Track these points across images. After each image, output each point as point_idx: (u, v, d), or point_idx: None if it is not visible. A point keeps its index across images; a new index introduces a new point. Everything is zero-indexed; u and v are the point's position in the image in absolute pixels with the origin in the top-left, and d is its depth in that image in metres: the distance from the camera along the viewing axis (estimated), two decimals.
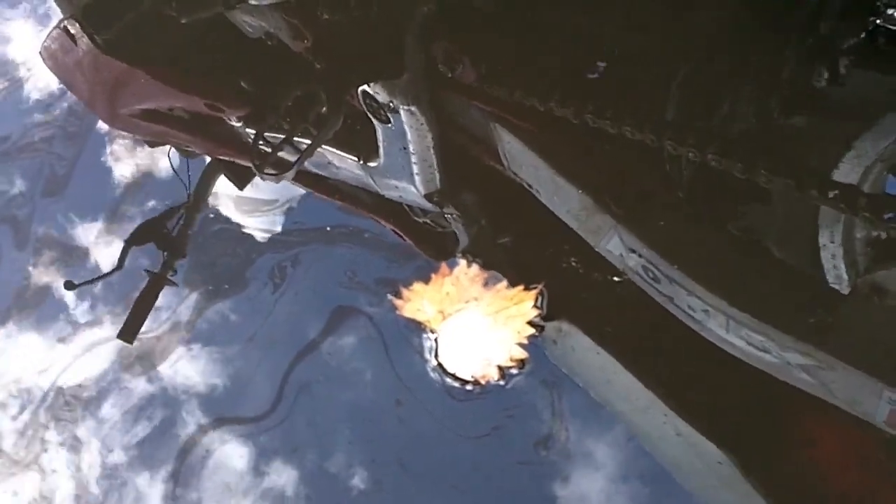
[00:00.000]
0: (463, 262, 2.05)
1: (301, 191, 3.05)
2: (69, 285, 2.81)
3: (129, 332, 2.61)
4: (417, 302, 2.05)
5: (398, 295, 2.03)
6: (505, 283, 1.95)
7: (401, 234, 2.38)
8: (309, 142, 2.00)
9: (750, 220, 1.71)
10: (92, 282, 2.99)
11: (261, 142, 1.83)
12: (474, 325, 2.02)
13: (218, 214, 1.97)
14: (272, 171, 1.78)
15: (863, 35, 1.38)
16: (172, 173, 2.96)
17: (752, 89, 1.53)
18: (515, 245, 2.00)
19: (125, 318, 2.67)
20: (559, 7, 1.72)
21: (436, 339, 2.04)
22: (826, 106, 1.46)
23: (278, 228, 2.20)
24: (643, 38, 1.66)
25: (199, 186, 2.89)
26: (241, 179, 2.85)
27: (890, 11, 1.31)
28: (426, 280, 2.01)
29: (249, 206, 3.54)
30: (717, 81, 1.61)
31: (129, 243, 2.81)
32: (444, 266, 1.96)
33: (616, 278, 1.86)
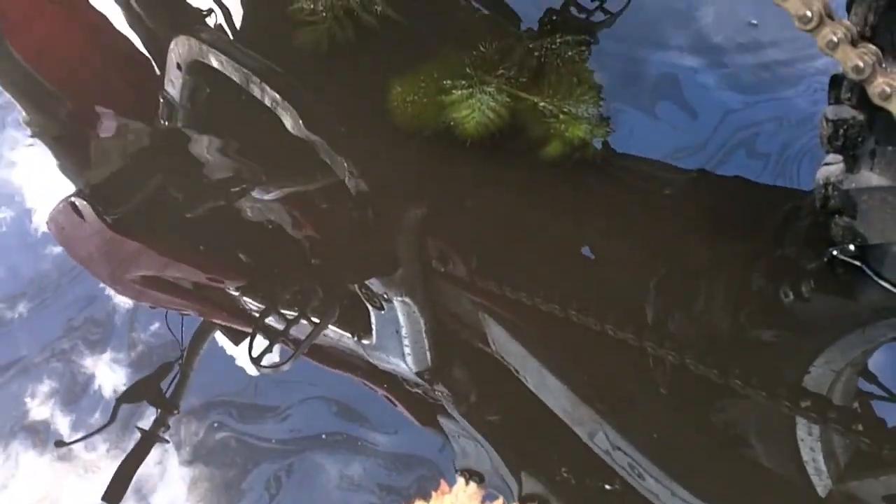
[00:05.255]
0: (461, 479, 2.10)
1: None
2: (59, 444, 2.83)
3: (114, 495, 2.60)
4: None
5: None
6: (502, 499, 2.00)
7: (393, 400, 2.43)
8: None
9: (730, 413, 1.78)
10: (82, 439, 3.00)
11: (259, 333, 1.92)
12: None
13: (221, 423, 2.02)
14: (268, 366, 1.86)
15: (824, 261, 1.49)
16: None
17: (724, 300, 1.64)
18: (506, 422, 2.05)
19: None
20: (545, 212, 1.84)
21: None
22: (794, 321, 1.56)
23: (285, 367, 2.26)
24: (623, 243, 1.78)
25: (192, 344, 2.95)
26: (235, 336, 2.92)
27: (846, 245, 1.44)
28: (426, 496, 2.05)
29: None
30: (691, 287, 1.71)
31: (121, 401, 2.85)
32: (443, 483, 2.02)
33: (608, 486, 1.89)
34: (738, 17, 2.03)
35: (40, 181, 2.81)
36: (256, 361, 1.85)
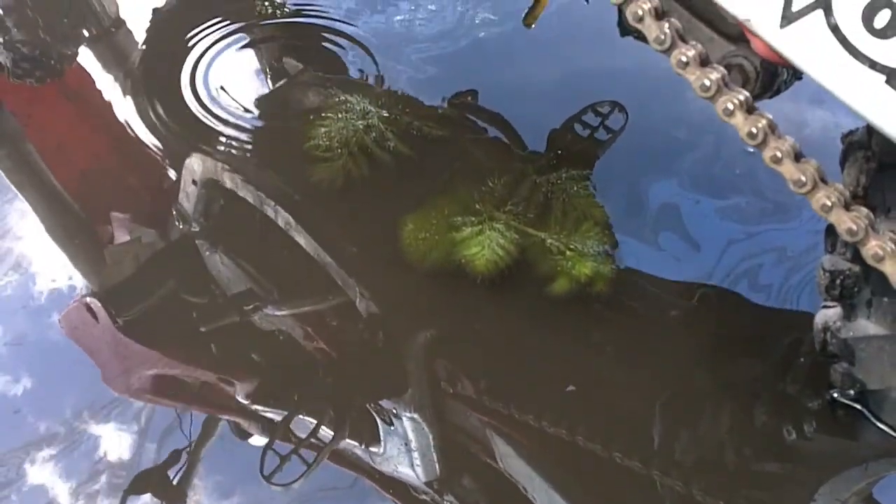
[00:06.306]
0: None
1: None
2: None
3: None
4: None
5: None
6: None
7: None
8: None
9: None
10: None
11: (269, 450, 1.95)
12: None
13: None
14: (280, 483, 1.89)
15: (825, 402, 1.54)
16: None
17: (728, 430, 1.67)
18: None
19: None
20: (551, 335, 1.89)
21: None
22: (797, 455, 1.59)
23: (296, 485, 2.28)
24: (628, 368, 1.82)
25: (200, 437, 2.96)
26: (241, 433, 2.94)
27: (846, 390, 1.48)
28: None
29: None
30: (696, 414, 1.75)
31: (128, 493, 2.85)
32: None
33: None
34: (735, 146, 2.10)
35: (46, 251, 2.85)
36: (268, 479, 1.89)
